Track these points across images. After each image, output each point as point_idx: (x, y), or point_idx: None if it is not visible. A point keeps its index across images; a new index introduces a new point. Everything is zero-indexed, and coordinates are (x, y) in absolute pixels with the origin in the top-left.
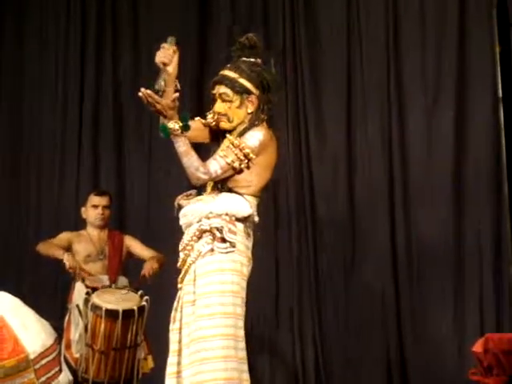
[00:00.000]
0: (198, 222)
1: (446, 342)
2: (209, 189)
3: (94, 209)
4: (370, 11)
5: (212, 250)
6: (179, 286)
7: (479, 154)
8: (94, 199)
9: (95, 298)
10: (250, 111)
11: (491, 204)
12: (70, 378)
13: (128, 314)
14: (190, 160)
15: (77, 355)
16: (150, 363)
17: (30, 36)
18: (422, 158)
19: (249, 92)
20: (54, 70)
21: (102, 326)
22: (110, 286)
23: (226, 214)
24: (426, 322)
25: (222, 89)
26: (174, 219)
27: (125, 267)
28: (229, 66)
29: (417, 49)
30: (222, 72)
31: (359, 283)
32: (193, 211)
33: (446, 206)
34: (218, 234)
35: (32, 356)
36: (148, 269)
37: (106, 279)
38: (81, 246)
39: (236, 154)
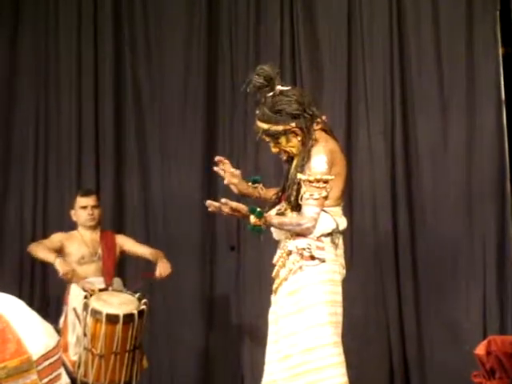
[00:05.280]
0: (286, 239)
1: (448, 344)
2: (289, 209)
3: (83, 210)
4: (373, 13)
5: (301, 267)
6: (272, 297)
7: (485, 157)
8: (82, 200)
9: (94, 303)
10: (299, 139)
11: (496, 207)
12: (68, 380)
13: (128, 318)
14: (288, 225)
15: (74, 358)
16: (145, 363)
17: (45, 38)
18: (427, 160)
19: (286, 130)
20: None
21: (102, 330)
22: (106, 289)
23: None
24: (427, 325)
25: (265, 138)
26: (190, 223)
27: (119, 268)
28: (257, 113)
29: (423, 53)
30: (256, 122)
31: (359, 288)
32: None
33: (452, 206)
34: (306, 254)
35: (35, 357)
36: (164, 270)
37: (101, 281)
38: (74, 248)
39: (318, 187)
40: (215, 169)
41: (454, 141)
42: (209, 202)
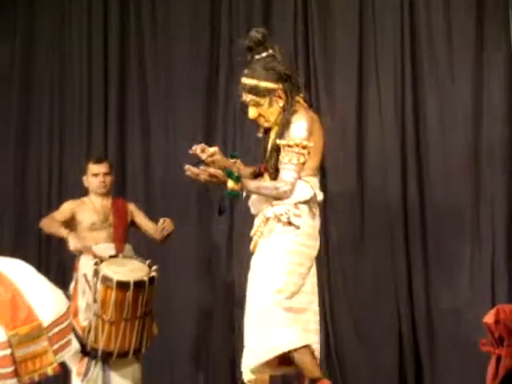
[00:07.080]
0: (265, 210)
1: (457, 312)
2: (268, 178)
3: (94, 177)
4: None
5: (277, 231)
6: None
7: (494, 123)
8: (93, 168)
9: (105, 269)
10: (281, 105)
11: (505, 172)
12: (77, 346)
13: (139, 284)
14: (265, 189)
15: (84, 323)
16: (155, 330)
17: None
18: (436, 127)
19: (273, 90)
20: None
21: (113, 297)
22: (117, 256)
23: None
24: (436, 292)
25: (248, 96)
26: (189, 193)
27: (128, 235)
28: (245, 71)
29: (433, 35)
30: (242, 80)
31: (369, 256)
32: (259, 200)
33: (461, 174)
34: (283, 219)
35: (45, 324)
36: (168, 225)
37: (112, 248)
38: (84, 215)
39: (297, 152)
40: (190, 151)
41: (463, 109)
42: (187, 166)
